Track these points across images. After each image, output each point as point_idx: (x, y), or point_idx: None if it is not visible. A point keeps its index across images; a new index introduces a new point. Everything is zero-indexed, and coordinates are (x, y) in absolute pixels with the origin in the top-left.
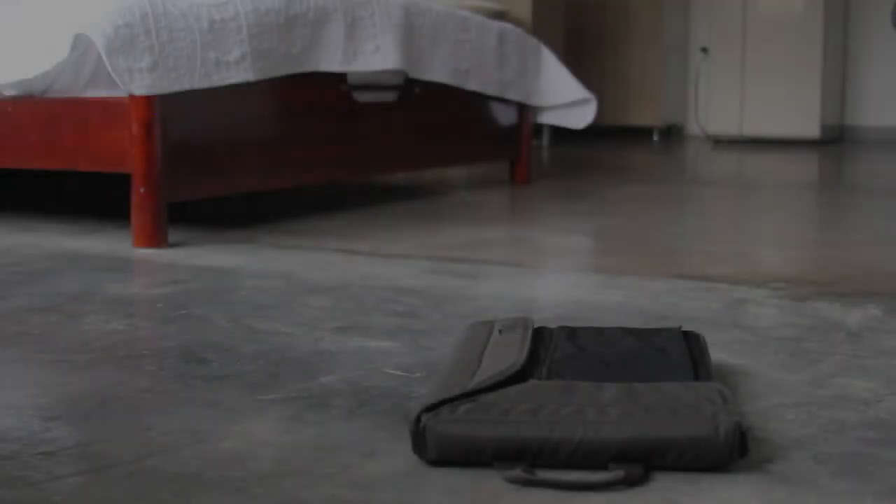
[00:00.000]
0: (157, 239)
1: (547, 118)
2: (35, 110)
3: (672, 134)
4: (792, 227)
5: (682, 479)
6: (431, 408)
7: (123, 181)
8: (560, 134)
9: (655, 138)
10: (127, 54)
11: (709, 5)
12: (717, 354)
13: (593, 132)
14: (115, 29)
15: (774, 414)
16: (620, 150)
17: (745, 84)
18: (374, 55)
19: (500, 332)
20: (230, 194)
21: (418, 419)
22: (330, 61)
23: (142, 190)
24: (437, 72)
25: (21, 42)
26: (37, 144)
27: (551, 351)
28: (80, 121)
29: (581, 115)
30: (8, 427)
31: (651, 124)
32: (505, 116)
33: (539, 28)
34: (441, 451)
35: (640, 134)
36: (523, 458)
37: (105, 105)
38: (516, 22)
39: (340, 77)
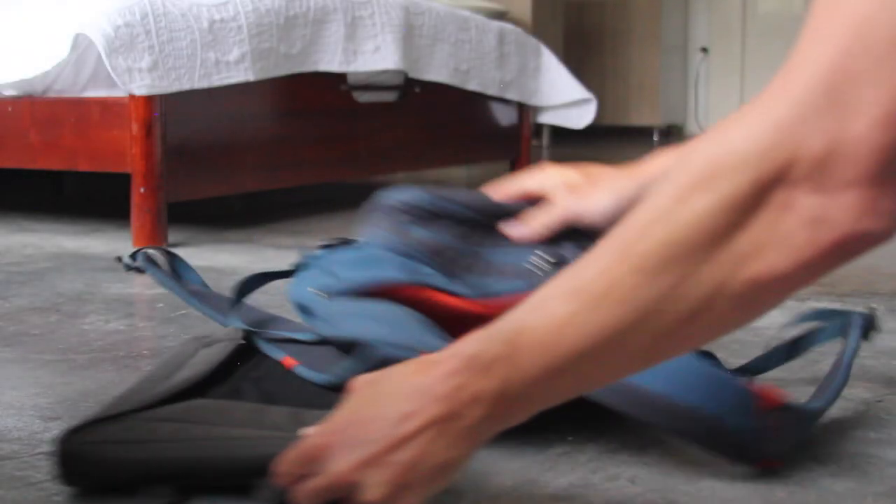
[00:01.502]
0: (157, 239)
1: (547, 118)
2: (35, 110)
3: (672, 134)
4: None
5: (683, 480)
6: (78, 429)
7: (123, 181)
8: (560, 134)
9: (655, 138)
10: (127, 54)
11: (708, 5)
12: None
13: (593, 132)
14: (114, 29)
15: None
16: (620, 150)
17: (745, 84)
18: (374, 55)
19: (206, 345)
20: (230, 194)
21: (60, 441)
22: (330, 61)
23: (142, 190)
24: (436, 72)
25: (21, 42)
26: (37, 144)
27: (249, 369)
28: (80, 121)
29: (581, 115)
30: (8, 427)
31: (651, 124)
32: (505, 116)
33: (539, 28)
34: (79, 475)
35: (640, 134)
36: (171, 480)
37: (105, 105)
38: (516, 22)
39: (340, 77)
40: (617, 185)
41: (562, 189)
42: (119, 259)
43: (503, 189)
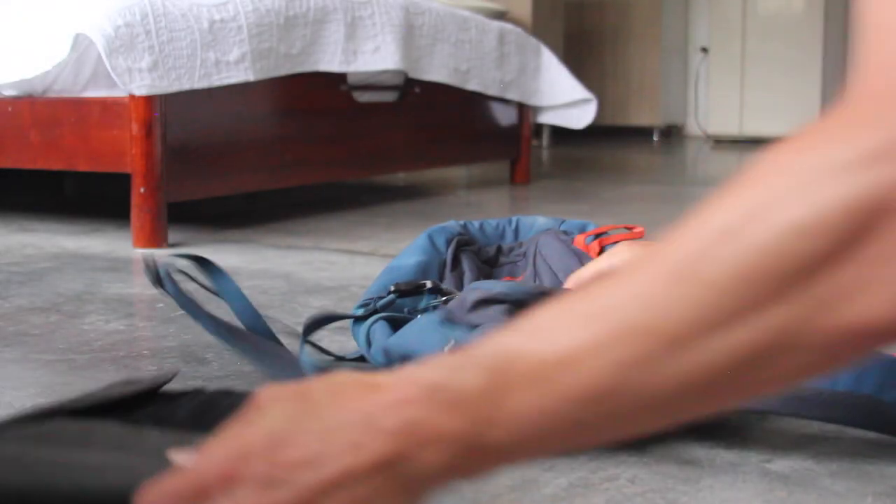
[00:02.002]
0: (157, 239)
1: (547, 118)
2: (35, 110)
3: (672, 134)
4: None
5: (682, 480)
6: None
7: (123, 181)
8: (560, 134)
9: (655, 138)
10: (127, 54)
11: (708, 5)
12: None
13: (593, 132)
14: (115, 29)
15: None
16: (620, 150)
17: (745, 84)
18: (374, 55)
19: (127, 383)
20: (230, 194)
21: None
22: (330, 61)
23: (142, 190)
24: (437, 72)
25: (21, 42)
26: (37, 144)
27: (149, 409)
28: (80, 121)
29: (581, 115)
30: None
31: (651, 124)
32: (505, 116)
33: (539, 28)
34: None
35: (640, 134)
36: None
37: (105, 105)
38: (516, 22)
39: (340, 77)
40: None
41: None
42: (150, 268)
43: (576, 277)
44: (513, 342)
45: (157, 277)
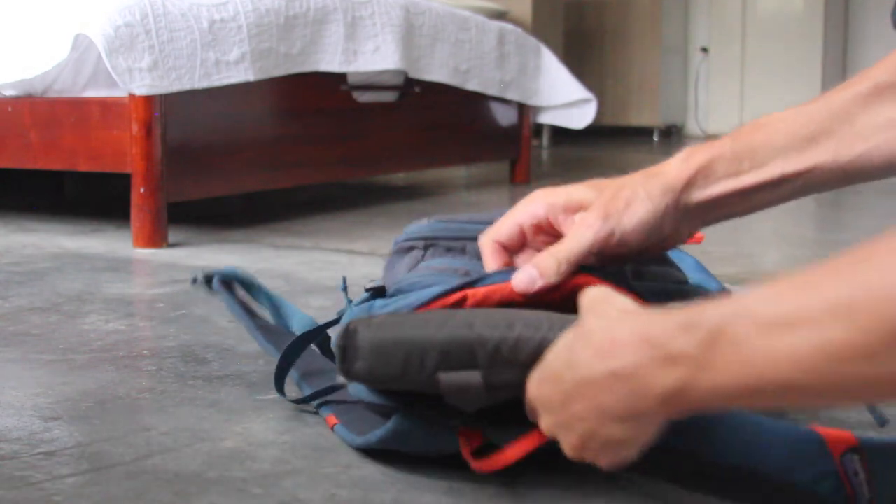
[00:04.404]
0: (157, 239)
1: (547, 118)
2: (35, 110)
3: (672, 134)
4: (792, 227)
5: None
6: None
7: (123, 181)
8: (560, 134)
9: (655, 138)
10: (127, 54)
11: (708, 5)
12: None
13: (593, 132)
14: (115, 29)
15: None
16: (620, 150)
17: (745, 84)
18: (374, 55)
19: None
20: (230, 194)
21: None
22: (330, 61)
23: (142, 190)
24: (437, 72)
25: (21, 42)
26: (37, 144)
27: None
28: (80, 121)
29: (581, 115)
30: (8, 427)
31: (651, 124)
32: (505, 116)
33: (539, 28)
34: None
35: (640, 134)
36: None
37: (105, 105)
38: (516, 22)
39: (340, 77)
40: (644, 192)
41: (563, 213)
42: (194, 280)
43: (495, 233)
44: (727, 317)
45: (208, 282)
